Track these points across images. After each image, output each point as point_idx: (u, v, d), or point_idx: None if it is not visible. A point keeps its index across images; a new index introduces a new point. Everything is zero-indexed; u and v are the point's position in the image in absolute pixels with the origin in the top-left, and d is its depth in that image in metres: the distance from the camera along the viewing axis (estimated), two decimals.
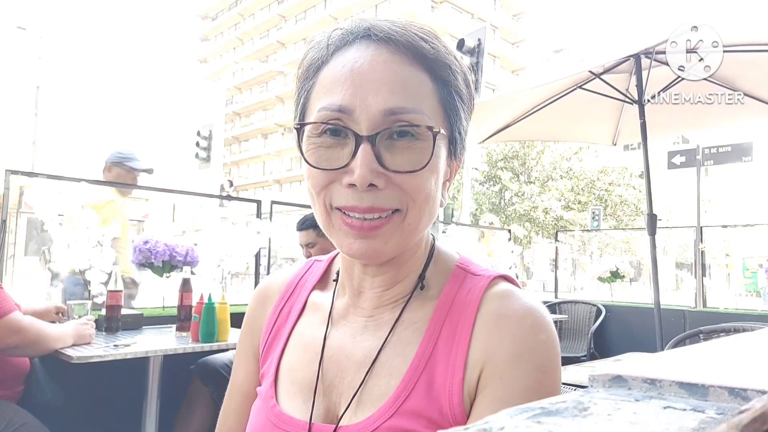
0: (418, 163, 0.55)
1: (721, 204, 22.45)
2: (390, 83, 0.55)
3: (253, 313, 0.74)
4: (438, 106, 0.58)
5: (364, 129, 0.54)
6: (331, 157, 0.56)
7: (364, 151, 0.54)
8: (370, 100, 0.54)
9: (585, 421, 0.23)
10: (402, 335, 0.60)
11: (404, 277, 0.63)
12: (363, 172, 0.53)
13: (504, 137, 4.09)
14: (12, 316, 1.87)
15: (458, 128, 0.60)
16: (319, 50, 0.59)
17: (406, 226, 0.57)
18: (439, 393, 0.56)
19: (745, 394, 0.25)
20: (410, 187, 0.55)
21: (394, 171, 0.54)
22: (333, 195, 0.56)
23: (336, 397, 0.61)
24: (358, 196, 0.54)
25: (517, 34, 40.10)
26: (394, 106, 0.54)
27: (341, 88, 0.55)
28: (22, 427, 1.87)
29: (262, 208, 3.52)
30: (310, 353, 0.65)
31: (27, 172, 2.66)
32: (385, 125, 0.54)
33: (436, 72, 0.58)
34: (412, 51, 0.56)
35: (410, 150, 0.55)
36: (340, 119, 0.55)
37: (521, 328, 0.57)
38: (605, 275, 5.41)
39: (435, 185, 0.57)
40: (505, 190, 20.54)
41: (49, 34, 23.51)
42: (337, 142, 0.56)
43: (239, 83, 46.22)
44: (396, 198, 0.55)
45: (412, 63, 0.56)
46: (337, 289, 0.68)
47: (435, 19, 35.34)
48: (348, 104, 0.54)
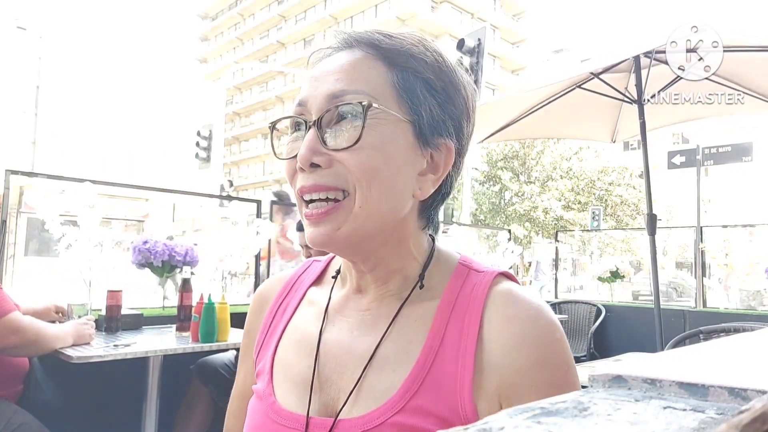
0: (352, 139, 0.56)
1: (721, 204, 22.45)
2: (334, 72, 0.59)
3: (252, 316, 0.75)
4: (391, 89, 0.59)
5: (313, 116, 0.58)
6: (293, 148, 0.60)
7: (309, 135, 0.57)
8: (319, 90, 0.58)
9: (585, 421, 0.23)
10: (403, 330, 0.60)
11: (393, 274, 0.63)
12: (303, 151, 0.57)
13: (504, 137, 4.09)
14: (11, 316, 1.87)
15: (425, 115, 0.59)
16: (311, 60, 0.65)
17: (359, 209, 0.57)
18: (448, 390, 0.56)
19: (745, 394, 0.25)
20: (352, 165, 0.56)
21: (333, 150, 0.57)
22: (295, 184, 0.60)
23: (335, 391, 0.61)
24: (305, 176, 0.58)
25: (517, 34, 40.08)
26: (335, 90, 0.57)
27: (303, 88, 0.61)
28: (21, 426, 1.87)
29: (262, 208, 3.52)
30: (305, 348, 0.65)
31: (27, 172, 2.66)
32: (327, 109, 0.58)
33: (391, 59, 0.59)
34: (364, 42, 0.60)
35: (348, 129, 0.57)
36: (300, 113, 0.60)
37: (537, 330, 0.57)
38: (605, 275, 5.41)
39: (386, 166, 0.57)
40: (505, 190, 20.53)
41: (49, 34, 23.51)
42: (299, 135, 0.60)
43: (239, 83, 46.20)
44: (342, 177, 0.57)
45: (365, 53, 0.60)
46: (336, 284, 0.69)
47: (435, 19, 35.35)
48: (303, 97, 0.60)
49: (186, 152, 16.39)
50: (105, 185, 3.27)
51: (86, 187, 2.50)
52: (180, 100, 24.90)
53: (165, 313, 2.85)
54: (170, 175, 20.04)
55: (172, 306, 2.88)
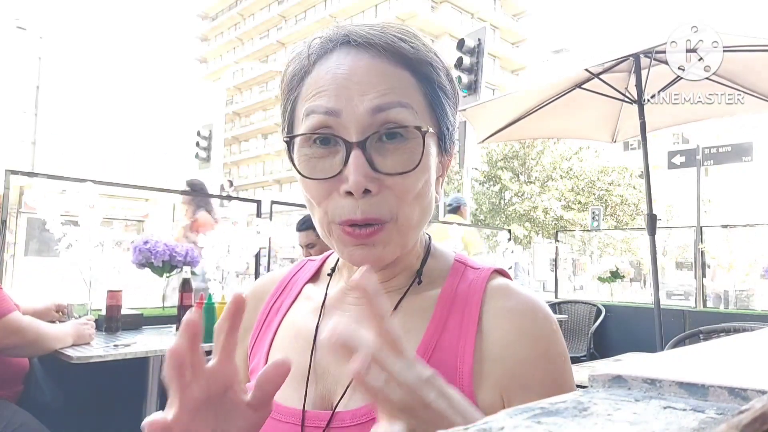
0: (409, 164, 0.55)
1: (721, 204, 22.45)
2: (373, 84, 0.55)
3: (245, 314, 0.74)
4: (424, 103, 0.58)
5: (353, 134, 0.55)
6: (324, 166, 0.56)
7: (355, 157, 0.54)
8: (356, 102, 0.55)
9: (585, 421, 0.23)
10: (402, 322, 0.61)
11: (401, 270, 0.64)
12: (357, 178, 0.53)
13: (504, 137, 4.09)
14: (11, 317, 1.86)
15: (446, 124, 0.61)
16: (300, 61, 0.60)
17: (401, 227, 0.57)
18: (448, 379, 0.55)
19: (745, 394, 0.25)
20: (401, 190, 0.56)
21: (386, 174, 0.55)
22: (330, 207, 0.57)
23: (332, 384, 0.60)
24: (355, 205, 0.55)
25: (517, 34, 40.08)
26: (380, 104, 0.55)
27: (326, 92, 0.56)
28: (21, 427, 1.87)
29: (262, 208, 3.52)
30: (301, 342, 0.64)
31: (27, 172, 2.66)
32: (374, 127, 0.55)
33: (418, 70, 0.58)
34: (392, 52, 0.57)
35: (401, 151, 0.55)
36: (328, 124, 0.55)
37: (536, 322, 0.59)
38: (605, 275, 5.41)
39: (426, 183, 0.58)
40: (505, 190, 20.53)
41: (49, 34, 23.51)
42: (327, 150, 0.56)
43: (239, 83, 46.20)
44: (388, 205, 0.56)
45: (394, 64, 0.57)
46: (332, 280, 0.69)
47: (435, 19, 35.35)
48: (334, 106, 0.55)
49: (186, 152, 16.37)
50: (105, 185, 3.27)
51: (87, 187, 2.50)
52: (180, 100, 24.89)
53: (165, 313, 2.85)
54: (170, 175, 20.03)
55: (172, 306, 2.88)
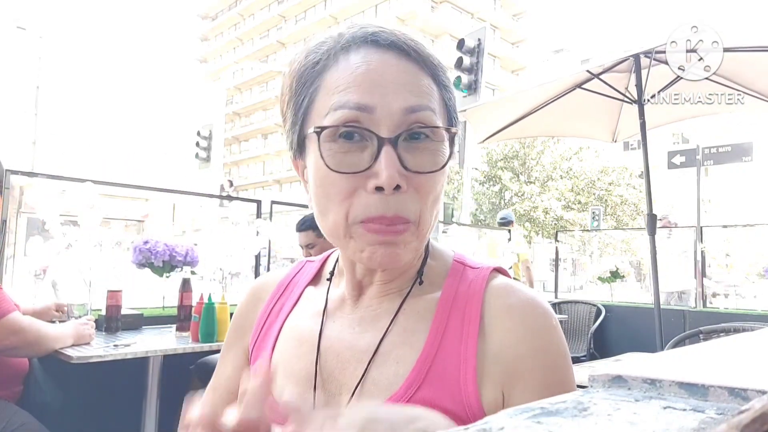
0: (436, 163, 0.57)
1: (721, 204, 22.45)
2: (405, 83, 0.56)
3: (244, 311, 0.74)
4: (443, 108, 0.60)
5: (384, 130, 0.54)
6: (352, 161, 0.55)
7: (387, 153, 0.54)
8: (390, 99, 0.55)
9: (585, 421, 0.23)
10: (405, 325, 0.61)
11: (403, 271, 0.64)
12: (390, 172, 0.53)
13: (504, 137, 4.09)
14: (11, 317, 1.86)
15: (458, 127, 0.63)
16: (320, 54, 0.58)
17: (420, 232, 0.58)
18: (452, 383, 0.56)
19: (745, 394, 0.25)
20: (425, 190, 0.56)
21: (415, 172, 0.55)
22: (355, 205, 0.55)
23: (336, 388, 0.61)
24: (385, 201, 0.54)
25: (517, 34, 40.07)
26: (414, 104, 0.55)
27: (358, 86, 0.55)
28: (21, 427, 1.87)
29: (262, 208, 3.52)
30: (305, 346, 0.64)
31: (27, 172, 2.66)
32: (405, 125, 0.55)
33: (438, 76, 0.60)
34: (416, 55, 0.58)
35: (428, 151, 0.56)
36: (358, 120, 0.54)
37: (536, 319, 0.59)
38: (605, 275, 5.42)
39: (442, 186, 0.59)
40: (505, 190, 20.52)
41: (49, 34, 23.50)
42: (354, 145, 0.55)
43: (239, 83, 46.18)
44: (413, 205, 0.56)
45: (419, 67, 0.58)
46: (332, 285, 0.69)
47: (435, 19, 35.34)
48: (368, 102, 0.54)
49: (186, 152, 16.38)
50: (105, 185, 3.27)
51: (87, 187, 2.50)
52: (180, 100, 24.88)
53: (165, 313, 2.85)
54: (170, 175, 20.02)
55: (172, 306, 2.88)
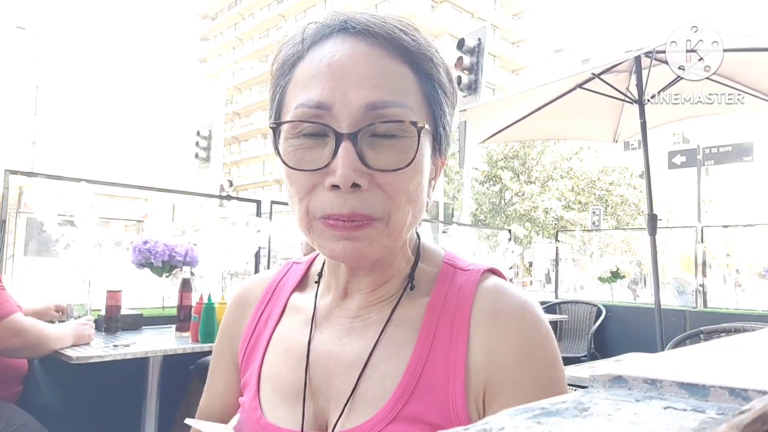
0: (402, 161, 0.52)
1: (721, 204, 22.46)
2: (371, 77, 0.52)
3: (231, 320, 0.71)
4: (422, 100, 0.55)
5: (344, 126, 0.51)
6: (312, 158, 0.52)
7: (345, 149, 0.50)
8: (350, 95, 0.51)
9: (585, 421, 0.23)
10: (393, 335, 0.58)
11: (391, 277, 0.60)
12: (345, 171, 0.50)
13: (504, 137, 4.09)
14: (13, 318, 1.86)
15: (442, 123, 0.58)
16: (293, 45, 0.56)
17: (391, 231, 0.54)
18: (440, 396, 0.54)
19: (745, 394, 0.24)
20: (392, 189, 0.52)
21: (377, 170, 0.51)
22: (313, 202, 0.53)
23: (324, 402, 0.58)
24: (342, 199, 0.51)
25: (517, 34, 40.08)
26: (376, 100, 0.51)
27: (319, 82, 0.52)
28: (21, 427, 1.86)
29: (262, 207, 3.52)
30: (293, 358, 0.61)
31: (27, 172, 2.66)
32: (366, 122, 0.51)
33: (419, 65, 0.55)
34: (392, 43, 0.54)
35: (394, 148, 0.52)
36: (319, 116, 0.52)
37: (523, 325, 0.55)
38: (605, 275, 5.42)
39: (418, 185, 0.54)
40: (505, 190, 20.53)
41: (48, 34, 23.50)
42: (316, 142, 0.53)
43: (239, 83, 46.21)
44: (379, 203, 0.52)
45: (393, 56, 0.54)
46: (320, 290, 0.65)
47: (435, 19, 35.35)
48: (327, 99, 0.51)
49: (186, 152, 16.38)
50: (104, 185, 3.27)
51: (82, 187, 2.50)
52: (180, 100, 24.90)
53: (165, 313, 2.85)
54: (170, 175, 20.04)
55: (172, 306, 2.87)
